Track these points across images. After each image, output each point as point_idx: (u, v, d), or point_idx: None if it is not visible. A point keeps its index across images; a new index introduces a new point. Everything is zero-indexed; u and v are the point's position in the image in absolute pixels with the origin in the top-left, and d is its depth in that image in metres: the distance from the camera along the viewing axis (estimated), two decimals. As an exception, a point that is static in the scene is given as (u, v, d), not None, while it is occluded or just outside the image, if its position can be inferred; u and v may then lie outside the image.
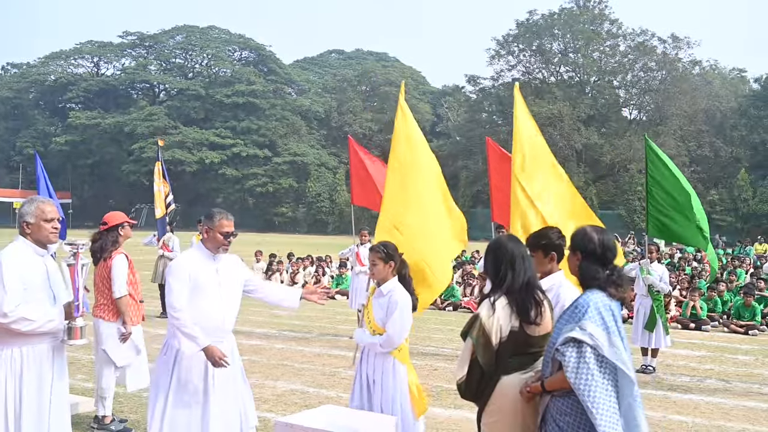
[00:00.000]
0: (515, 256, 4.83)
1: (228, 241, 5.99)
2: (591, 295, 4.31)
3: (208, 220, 5.99)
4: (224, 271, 6.04)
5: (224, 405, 5.89)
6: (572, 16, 76.44)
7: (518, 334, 4.67)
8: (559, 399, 4.28)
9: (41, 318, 4.95)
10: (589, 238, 4.46)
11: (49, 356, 5.13)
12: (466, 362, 4.73)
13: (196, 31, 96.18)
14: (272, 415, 8.21)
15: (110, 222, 7.95)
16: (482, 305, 4.76)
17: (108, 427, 7.78)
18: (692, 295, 17.25)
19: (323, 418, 6.09)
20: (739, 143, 69.14)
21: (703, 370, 12.20)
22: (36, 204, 5.22)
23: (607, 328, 4.18)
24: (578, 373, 4.11)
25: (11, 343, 4.96)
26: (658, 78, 74.26)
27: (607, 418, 4.06)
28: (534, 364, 4.74)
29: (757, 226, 55.83)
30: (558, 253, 5.60)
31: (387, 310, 6.20)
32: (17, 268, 4.98)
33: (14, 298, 4.87)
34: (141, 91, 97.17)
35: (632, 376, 4.19)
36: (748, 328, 16.19)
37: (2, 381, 4.92)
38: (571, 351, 4.16)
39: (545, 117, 68.41)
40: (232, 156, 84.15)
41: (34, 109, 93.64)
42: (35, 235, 5.17)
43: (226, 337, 6.00)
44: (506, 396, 4.67)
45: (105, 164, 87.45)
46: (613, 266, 4.41)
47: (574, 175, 68.98)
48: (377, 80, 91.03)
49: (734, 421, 9.05)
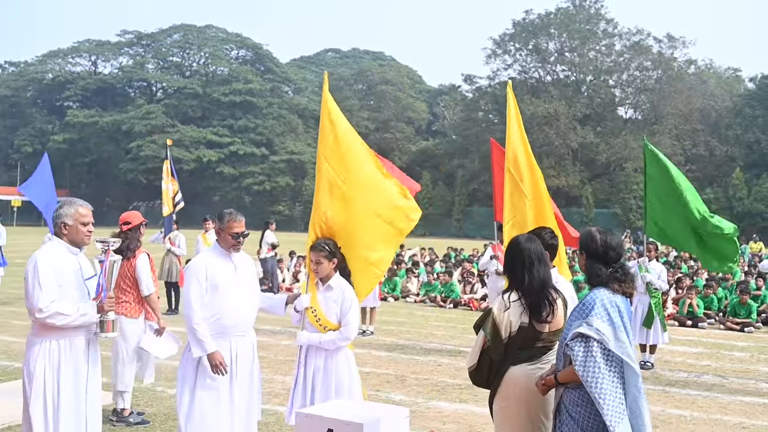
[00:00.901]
0: (532, 257, 5.09)
1: (238, 241, 6.15)
2: (597, 292, 4.56)
3: (219, 222, 6.17)
4: (242, 269, 6.22)
5: (244, 395, 6.13)
6: (568, 15, 76.71)
7: (527, 330, 4.97)
8: (572, 390, 4.55)
9: (74, 313, 5.20)
10: (592, 238, 4.72)
11: (84, 348, 5.41)
12: (477, 352, 5.08)
13: (193, 29, 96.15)
14: (282, 408, 8.44)
15: (133, 222, 8.24)
16: (496, 300, 5.09)
17: (127, 420, 8.05)
18: (689, 292, 17.52)
19: (339, 409, 6.36)
20: (734, 142, 69.38)
21: (700, 366, 12.45)
22: (75, 207, 5.47)
23: (612, 323, 4.43)
24: (586, 366, 4.37)
25: (49, 336, 5.24)
26: (653, 77, 74.55)
27: (614, 408, 4.31)
28: (541, 356, 5.04)
29: (752, 224, 56.05)
30: (551, 252, 5.94)
31: (341, 305, 6.36)
32: (51, 266, 5.25)
33: (49, 295, 5.14)
34: (138, 89, 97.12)
35: (637, 369, 4.44)
36: (743, 325, 16.46)
37: (41, 372, 5.21)
38: (579, 346, 4.43)
39: (541, 116, 68.77)
40: (230, 154, 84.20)
41: (32, 107, 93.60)
42: (71, 236, 5.44)
43: (248, 333, 6.21)
44: (514, 384, 4.98)
45: (103, 162, 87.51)
46: (619, 264, 4.67)
47: (570, 174, 69.35)
48: (374, 79, 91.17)
49: (731, 415, 9.30)
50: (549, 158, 68.76)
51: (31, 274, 5.24)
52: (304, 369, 6.63)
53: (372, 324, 15.04)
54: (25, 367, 5.32)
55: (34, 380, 5.23)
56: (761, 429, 8.76)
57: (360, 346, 13.48)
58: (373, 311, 15.19)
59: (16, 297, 19.32)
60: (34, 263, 5.26)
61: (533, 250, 5.13)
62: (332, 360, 6.55)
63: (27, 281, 5.27)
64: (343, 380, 6.55)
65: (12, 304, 17.98)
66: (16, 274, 23.50)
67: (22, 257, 29.75)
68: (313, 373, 6.66)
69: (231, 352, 6.05)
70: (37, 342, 5.27)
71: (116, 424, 7.96)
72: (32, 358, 5.26)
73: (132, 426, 8.02)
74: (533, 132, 69.29)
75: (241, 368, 6.11)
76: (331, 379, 6.64)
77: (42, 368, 5.22)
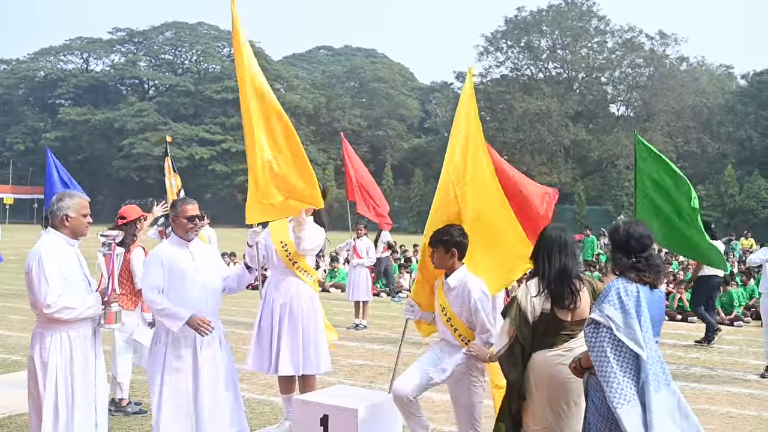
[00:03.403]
0: (553, 245, 5.29)
1: (194, 224, 6.11)
2: (615, 281, 4.71)
3: (173, 210, 6.19)
4: (200, 257, 6.15)
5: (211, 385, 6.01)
6: (560, 12, 76.86)
7: (549, 316, 5.17)
8: (593, 376, 4.71)
9: (81, 306, 5.29)
10: (617, 230, 4.89)
11: (92, 339, 5.52)
12: (504, 337, 5.26)
13: (185, 27, 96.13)
14: (278, 399, 8.55)
15: (129, 216, 8.42)
16: (519, 288, 5.30)
17: (125, 409, 8.20)
18: (679, 287, 17.71)
19: (334, 396, 6.52)
20: (726, 139, 69.63)
21: (689, 359, 12.61)
22: (77, 199, 5.54)
23: (625, 310, 4.56)
24: (593, 350, 4.55)
25: (60, 329, 5.32)
26: (645, 74, 74.73)
27: (619, 392, 4.46)
28: (563, 344, 5.23)
29: (743, 221, 56.33)
30: (459, 250, 6.15)
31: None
32: (56, 260, 5.30)
33: (56, 290, 5.20)
34: (130, 87, 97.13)
35: (643, 356, 4.54)
36: (733, 320, 16.65)
37: (54, 363, 5.29)
38: (590, 331, 4.61)
39: (533, 113, 68.95)
40: (222, 152, 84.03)
41: (24, 105, 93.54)
42: (73, 228, 5.49)
43: (213, 321, 6.04)
44: (536, 370, 5.14)
45: (95, 160, 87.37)
46: (641, 255, 4.77)
47: (562, 171, 69.54)
48: (366, 76, 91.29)
49: (718, 405, 9.46)
50: (541, 155, 69.01)
51: (35, 269, 5.24)
52: (270, 310, 7.20)
53: (365, 318, 15.21)
54: (37, 358, 5.33)
55: (48, 371, 5.28)
56: (747, 418, 8.90)
57: (353, 340, 13.66)
58: (366, 305, 15.37)
59: (10, 292, 19.44)
60: (38, 258, 5.26)
61: (557, 239, 5.31)
62: (296, 298, 7.14)
63: (31, 276, 5.26)
64: (310, 321, 7.16)
65: (8, 299, 18.04)
66: (11, 271, 23.64)
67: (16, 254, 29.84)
68: (279, 315, 7.16)
69: (195, 343, 5.97)
70: (47, 334, 5.31)
71: (114, 414, 8.06)
72: (44, 349, 5.30)
73: (130, 415, 8.16)
74: (525, 129, 69.58)
75: (206, 358, 6.01)
76: (298, 319, 7.13)
77: (55, 359, 5.28)
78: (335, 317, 16.31)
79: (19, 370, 10.12)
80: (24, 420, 7.77)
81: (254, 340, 7.42)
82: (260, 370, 7.44)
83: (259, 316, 7.42)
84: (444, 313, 6.28)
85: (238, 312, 16.68)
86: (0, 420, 7.85)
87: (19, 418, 7.91)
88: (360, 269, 15.51)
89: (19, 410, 8.06)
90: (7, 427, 7.67)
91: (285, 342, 7.17)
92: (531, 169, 66.33)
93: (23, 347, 12.01)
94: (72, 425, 5.33)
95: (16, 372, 10.10)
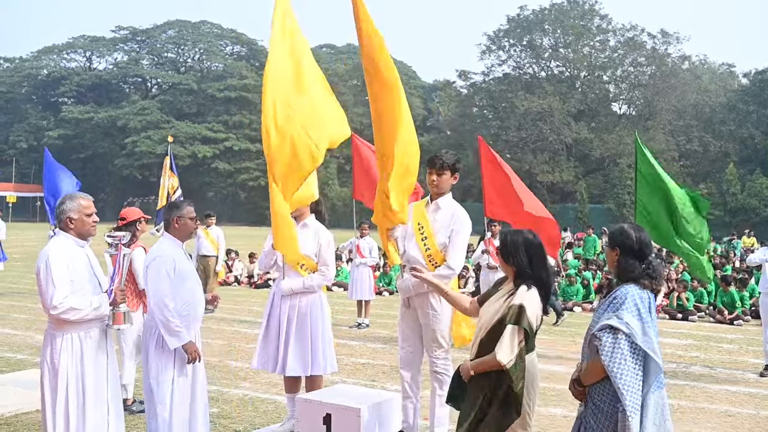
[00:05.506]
0: (543, 252, 5.29)
1: (196, 224, 6.37)
2: (628, 288, 4.75)
3: (177, 211, 6.20)
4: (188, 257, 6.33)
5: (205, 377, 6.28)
6: (562, 11, 76.77)
7: (540, 321, 5.24)
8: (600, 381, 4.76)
9: (87, 307, 5.37)
10: (627, 235, 4.90)
11: (102, 339, 5.62)
12: (515, 347, 5.00)
13: (188, 25, 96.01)
14: (281, 398, 8.64)
15: (129, 217, 8.55)
16: (524, 296, 5.09)
17: (130, 408, 8.28)
18: (678, 286, 17.78)
19: (337, 395, 6.62)
20: (728, 138, 69.52)
21: (689, 358, 12.69)
22: (77, 200, 5.63)
23: (642, 318, 4.65)
24: (613, 357, 4.58)
25: (70, 329, 5.42)
26: (647, 73, 74.58)
27: (635, 399, 4.56)
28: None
29: (745, 220, 56.23)
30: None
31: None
32: (64, 262, 5.39)
33: (62, 291, 5.29)
34: (133, 85, 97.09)
35: (660, 363, 4.67)
36: (733, 319, 16.71)
37: (65, 364, 5.39)
38: (608, 336, 4.63)
39: (536, 112, 68.84)
40: (225, 150, 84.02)
41: (27, 103, 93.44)
42: (78, 229, 5.59)
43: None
44: (530, 372, 5.14)
45: (98, 158, 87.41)
46: (648, 261, 4.84)
47: (564, 169, 69.50)
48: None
49: (717, 404, 9.54)
50: (543, 154, 68.94)
51: (43, 272, 5.34)
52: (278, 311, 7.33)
53: (367, 317, 15.29)
54: (48, 359, 5.43)
55: (59, 372, 5.37)
56: (746, 417, 8.98)
57: (356, 339, 13.74)
58: (368, 304, 15.44)
59: (15, 291, 19.50)
60: (46, 260, 5.36)
61: (541, 245, 5.31)
62: (305, 298, 7.35)
63: (40, 278, 5.37)
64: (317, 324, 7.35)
65: (12, 298, 18.12)
66: (16, 269, 23.76)
67: (20, 252, 29.99)
68: (288, 316, 7.29)
69: (197, 340, 6.12)
70: (58, 335, 5.41)
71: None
72: (55, 350, 5.40)
73: (135, 414, 8.25)
74: (528, 128, 69.49)
75: (198, 366, 6.17)
76: (306, 319, 7.30)
77: (66, 360, 5.38)
78: (338, 315, 16.40)
79: (24, 369, 10.23)
80: (30, 418, 7.88)
81: (261, 339, 7.51)
82: (266, 369, 7.53)
83: (266, 315, 7.51)
84: (421, 231, 6.95)
85: (241, 311, 16.78)
86: (7, 418, 7.94)
87: (26, 416, 8.01)
88: (363, 268, 15.59)
89: (25, 409, 8.17)
90: (13, 425, 7.76)
91: (293, 342, 7.26)
92: (533, 167, 66.32)
93: (28, 346, 12.11)
94: (84, 425, 5.42)
95: (21, 371, 10.18)
